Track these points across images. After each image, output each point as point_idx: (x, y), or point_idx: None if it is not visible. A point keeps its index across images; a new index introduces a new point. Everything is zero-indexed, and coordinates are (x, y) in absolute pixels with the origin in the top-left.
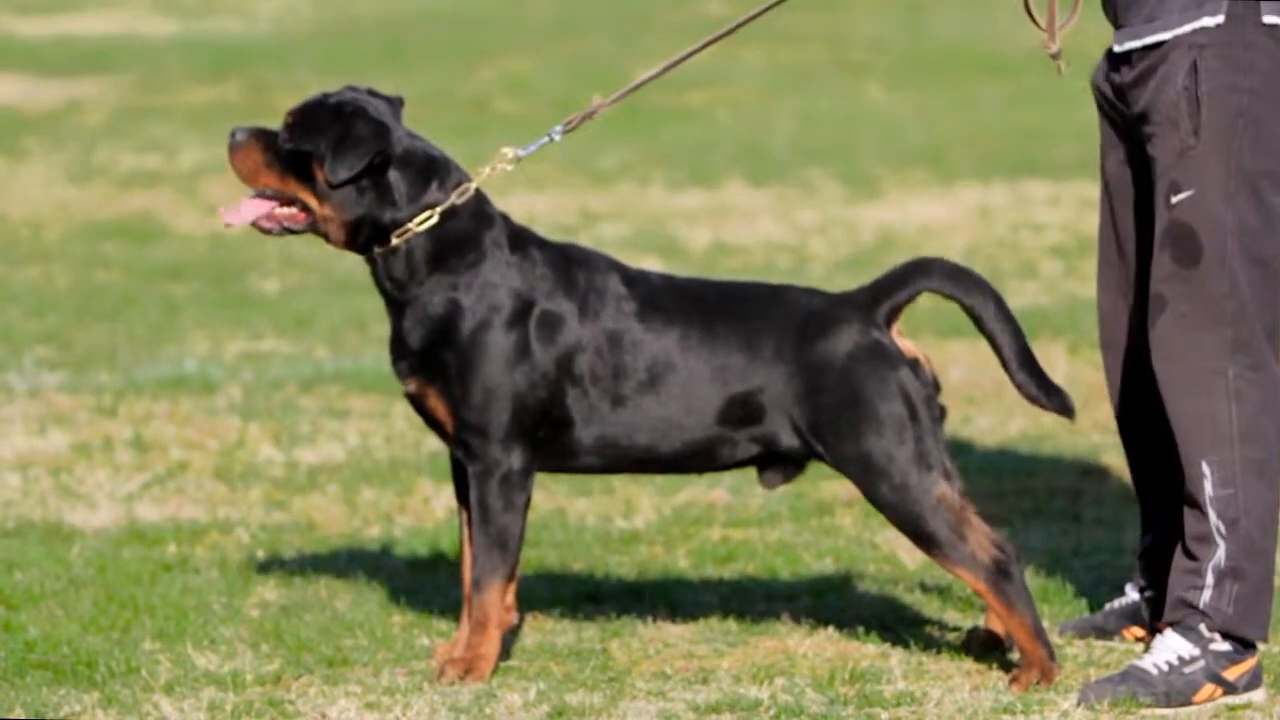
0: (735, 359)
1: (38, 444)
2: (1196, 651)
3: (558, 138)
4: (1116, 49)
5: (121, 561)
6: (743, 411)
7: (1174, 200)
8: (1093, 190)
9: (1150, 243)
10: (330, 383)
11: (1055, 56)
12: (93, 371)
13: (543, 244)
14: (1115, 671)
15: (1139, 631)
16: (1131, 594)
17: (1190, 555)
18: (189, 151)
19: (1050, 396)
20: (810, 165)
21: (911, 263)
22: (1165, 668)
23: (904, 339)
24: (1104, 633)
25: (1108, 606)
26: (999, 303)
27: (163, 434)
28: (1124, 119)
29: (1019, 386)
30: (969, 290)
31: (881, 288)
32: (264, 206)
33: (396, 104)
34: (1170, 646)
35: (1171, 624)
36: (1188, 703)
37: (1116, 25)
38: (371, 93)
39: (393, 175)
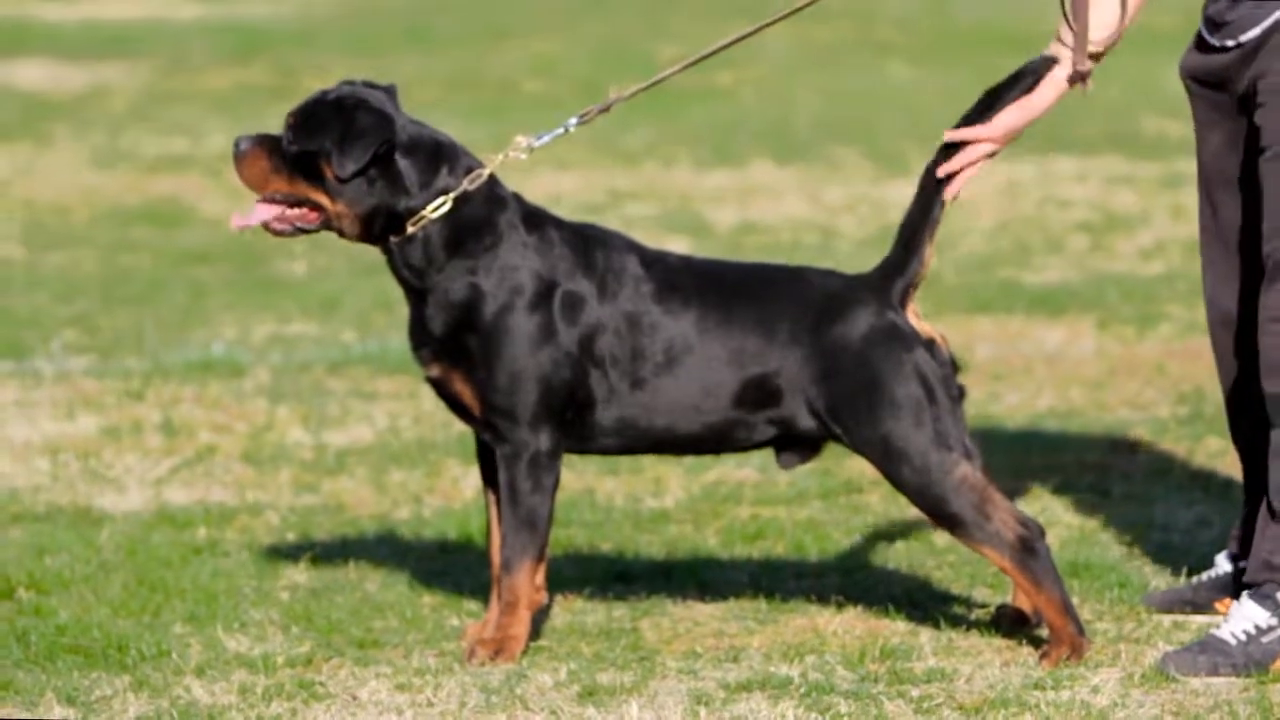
0: (752, 341)
1: (66, 428)
2: (1275, 620)
3: (573, 128)
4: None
5: (151, 545)
6: (760, 394)
7: None
8: (1119, 167)
9: (1258, 223)
10: (358, 365)
11: (1085, 77)
12: (121, 356)
13: (559, 224)
14: (1194, 642)
15: (1231, 603)
16: (1224, 565)
17: (1277, 517)
18: (215, 135)
19: None
20: (836, 144)
21: (902, 240)
22: (1243, 637)
23: (920, 319)
24: (1196, 606)
25: (1196, 579)
26: None
27: (191, 417)
28: (1225, 99)
29: None
30: None
31: (891, 266)
32: (274, 209)
33: (392, 92)
34: (1247, 615)
35: (1250, 586)
36: (1264, 671)
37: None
38: (368, 84)
39: (402, 163)
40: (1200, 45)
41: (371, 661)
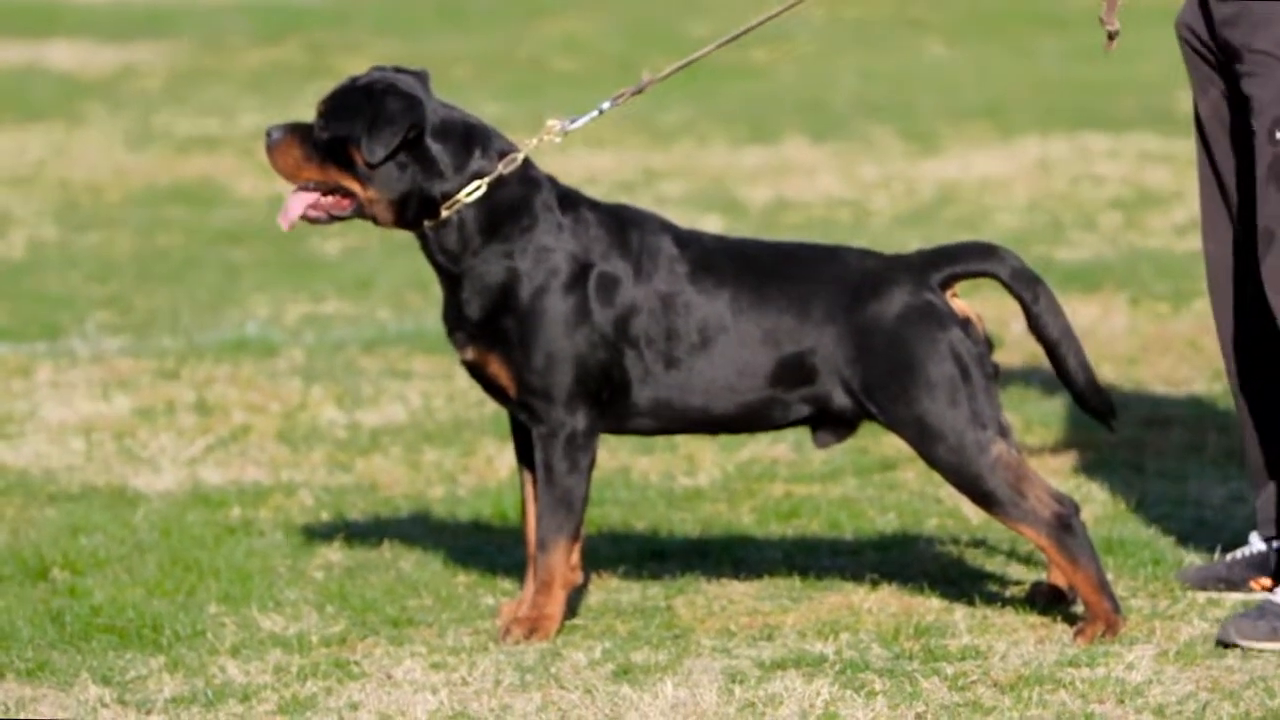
0: (787, 320)
1: (101, 408)
2: None
3: (607, 111)
4: None
5: (186, 525)
6: (795, 373)
7: (1279, 136)
8: (1152, 143)
9: (1252, 181)
10: (392, 344)
11: (1112, 35)
12: (155, 335)
13: (594, 205)
14: (1252, 608)
15: (1266, 581)
16: (1257, 544)
17: None
18: (248, 114)
19: (1107, 407)
20: (871, 121)
21: (985, 245)
22: None
23: (957, 299)
24: (1230, 584)
25: (1230, 556)
26: (1061, 312)
27: (225, 397)
28: (1217, 59)
29: (1082, 398)
30: (1036, 295)
31: (945, 255)
32: (309, 198)
33: (424, 78)
34: None
35: None
36: None
37: None
38: (399, 70)
39: (434, 147)
40: None
41: (406, 640)
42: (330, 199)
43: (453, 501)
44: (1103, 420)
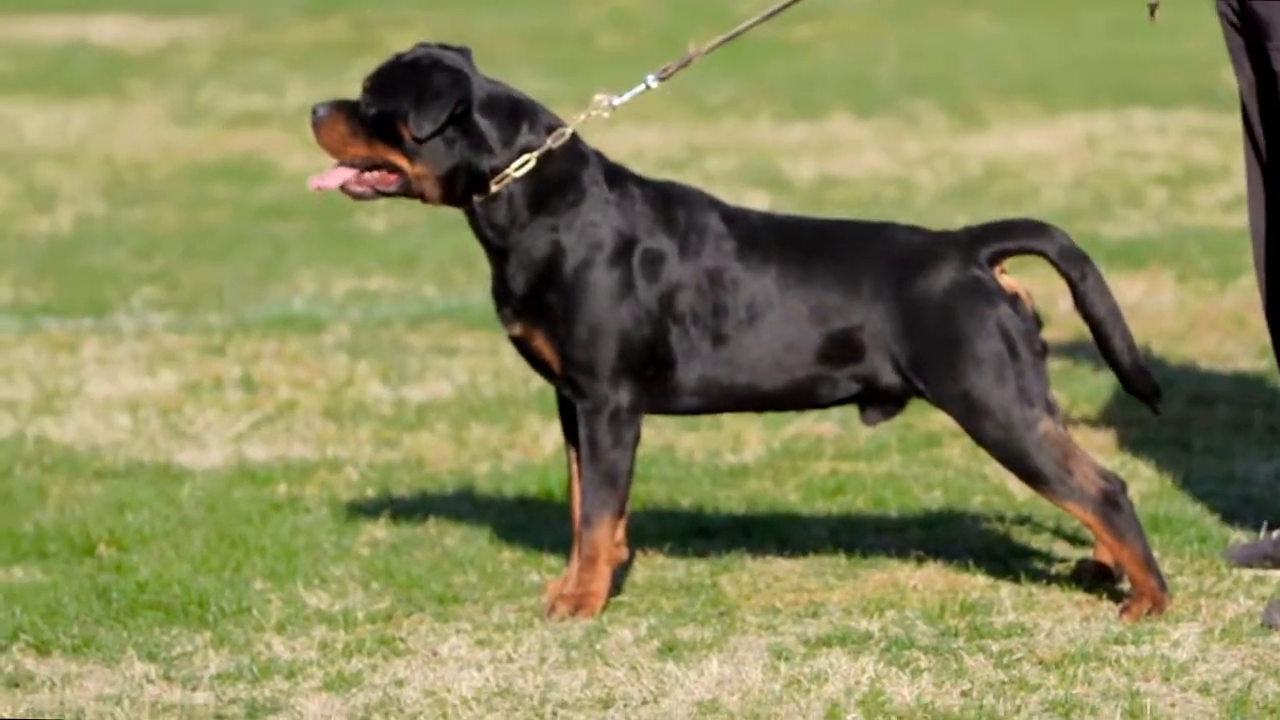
0: (834, 296)
1: (147, 384)
2: None
3: (654, 85)
4: None
5: (232, 501)
6: (842, 349)
7: None
8: (1198, 119)
9: None
10: (438, 320)
11: (1153, 8)
12: (201, 311)
13: (641, 181)
14: None
15: None
16: None
17: None
18: (295, 91)
19: (1151, 389)
20: (915, 97)
21: (1034, 222)
22: None
23: (1005, 275)
24: (1276, 561)
25: (1276, 534)
26: (1108, 291)
27: (271, 373)
28: (1248, 37)
29: (1127, 378)
30: (1083, 274)
31: (994, 231)
32: (353, 171)
33: (467, 54)
34: None
35: None
36: None
37: None
38: (443, 46)
39: (481, 122)
40: None
41: (451, 617)
42: (375, 174)
43: (498, 478)
44: (1147, 402)
